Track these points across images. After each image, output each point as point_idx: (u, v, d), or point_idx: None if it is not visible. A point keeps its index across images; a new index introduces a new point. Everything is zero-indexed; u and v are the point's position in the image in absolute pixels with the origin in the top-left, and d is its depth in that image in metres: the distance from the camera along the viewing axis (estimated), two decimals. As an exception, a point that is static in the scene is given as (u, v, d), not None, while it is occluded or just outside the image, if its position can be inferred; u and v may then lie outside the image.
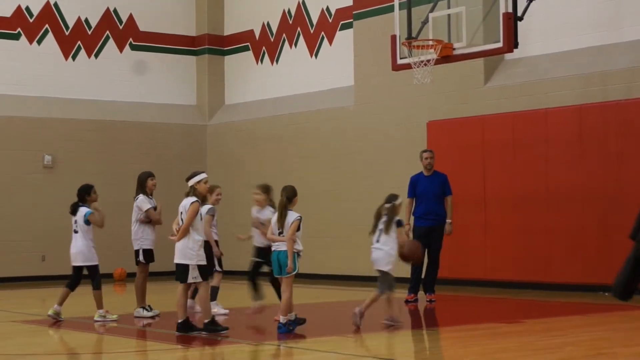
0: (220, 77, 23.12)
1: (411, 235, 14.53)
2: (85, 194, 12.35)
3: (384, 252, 11.17)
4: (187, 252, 10.59)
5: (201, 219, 10.89)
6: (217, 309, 12.55)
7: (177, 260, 10.70)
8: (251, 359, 9.31)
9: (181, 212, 10.69)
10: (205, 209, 11.95)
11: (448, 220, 14.39)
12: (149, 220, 12.61)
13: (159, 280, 17.39)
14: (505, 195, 16.32)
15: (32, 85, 20.96)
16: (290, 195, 10.81)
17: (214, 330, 10.55)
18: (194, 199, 10.68)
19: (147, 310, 12.50)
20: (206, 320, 10.62)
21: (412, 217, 14.60)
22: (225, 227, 15.57)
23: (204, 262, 10.66)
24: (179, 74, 22.92)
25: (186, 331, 10.58)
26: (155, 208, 12.64)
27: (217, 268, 12.70)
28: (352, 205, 18.88)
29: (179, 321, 10.65)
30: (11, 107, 20.58)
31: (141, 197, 12.65)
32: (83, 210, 12.24)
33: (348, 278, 18.79)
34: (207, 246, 12.23)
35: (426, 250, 14.49)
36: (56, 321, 11.98)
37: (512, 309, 13.83)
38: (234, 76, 22.93)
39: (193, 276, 10.59)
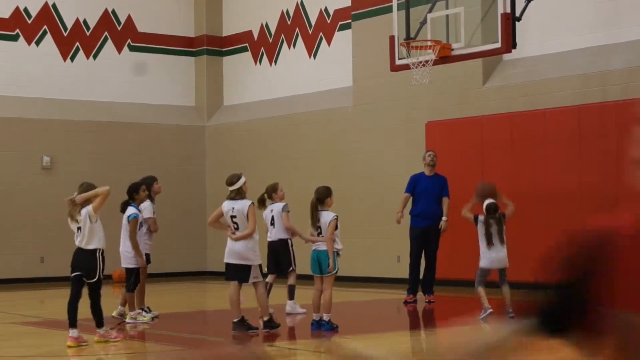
0: (218, 78, 23.10)
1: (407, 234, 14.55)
2: (134, 192, 12.28)
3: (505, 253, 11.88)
4: (249, 253, 10.60)
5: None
6: (294, 307, 12.70)
7: (235, 261, 10.64)
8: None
9: (233, 216, 10.58)
10: (279, 207, 12.37)
11: (444, 218, 14.39)
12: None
13: (154, 282, 17.37)
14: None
15: (31, 86, 20.93)
16: (321, 197, 10.92)
17: (272, 327, 10.58)
18: (249, 201, 10.65)
19: (146, 311, 12.49)
20: (265, 318, 10.62)
21: (407, 214, 14.61)
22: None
23: (260, 262, 10.71)
24: (177, 75, 22.90)
25: (244, 329, 10.59)
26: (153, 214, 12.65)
27: (293, 267, 12.75)
28: (350, 206, 18.85)
29: (235, 320, 10.63)
30: (9, 108, 20.56)
31: (147, 202, 12.62)
32: (130, 210, 12.05)
33: (346, 279, 18.76)
34: (285, 244, 12.48)
35: (423, 251, 14.51)
36: (121, 322, 11.91)
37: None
38: (232, 77, 22.91)
39: (254, 275, 10.61)
